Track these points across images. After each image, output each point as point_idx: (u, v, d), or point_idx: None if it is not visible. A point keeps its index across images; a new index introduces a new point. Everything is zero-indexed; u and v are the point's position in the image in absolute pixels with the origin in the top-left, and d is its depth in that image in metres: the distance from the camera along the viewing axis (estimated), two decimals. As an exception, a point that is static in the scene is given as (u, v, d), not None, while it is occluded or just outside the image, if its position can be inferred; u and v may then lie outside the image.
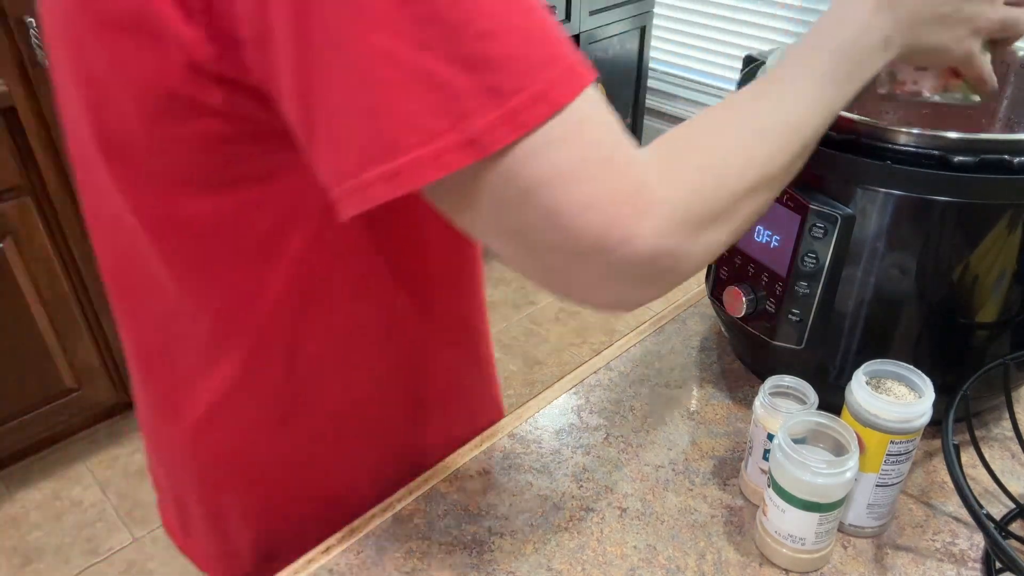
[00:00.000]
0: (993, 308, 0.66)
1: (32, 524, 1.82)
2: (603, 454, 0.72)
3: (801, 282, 0.67)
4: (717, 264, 0.76)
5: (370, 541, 0.65)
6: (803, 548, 0.60)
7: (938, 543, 0.63)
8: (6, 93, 1.53)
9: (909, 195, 0.60)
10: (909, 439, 0.59)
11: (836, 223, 0.63)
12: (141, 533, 1.80)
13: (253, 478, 0.65)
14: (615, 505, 0.67)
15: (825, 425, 0.60)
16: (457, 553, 0.63)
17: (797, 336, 0.69)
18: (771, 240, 0.68)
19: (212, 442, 0.64)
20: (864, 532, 0.64)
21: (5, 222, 1.62)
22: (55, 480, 1.93)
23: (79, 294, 1.81)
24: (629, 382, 0.81)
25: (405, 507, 0.67)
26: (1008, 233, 0.61)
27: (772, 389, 0.64)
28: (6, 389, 1.77)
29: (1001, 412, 0.75)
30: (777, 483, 0.58)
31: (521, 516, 0.66)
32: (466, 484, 0.69)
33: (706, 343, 0.86)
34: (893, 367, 0.61)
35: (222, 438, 0.63)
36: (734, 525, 0.65)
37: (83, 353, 1.86)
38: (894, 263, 0.64)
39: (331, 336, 0.59)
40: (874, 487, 0.61)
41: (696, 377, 0.81)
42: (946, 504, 0.67)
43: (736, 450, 0.72)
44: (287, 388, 0.60)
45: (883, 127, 0.61)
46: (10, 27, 1.49)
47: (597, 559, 0.63)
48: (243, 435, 0.63)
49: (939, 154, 0.59)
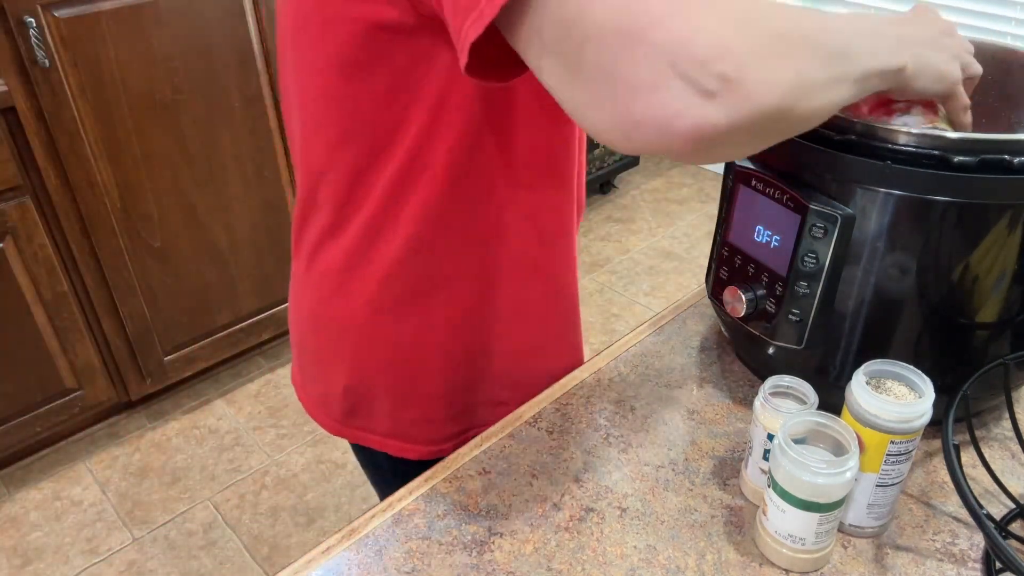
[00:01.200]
0: (993, 308, 0.66)
1: (32, 524, 1.82)
2: (603, 454, 0.72)
3: (801, 282, 0.67)
4: (717, 264, 0.76)
5: (370, 541, 0.65)
6: (803, 548, 0.60)
7: (938, 543, 0.63)
8: (6, 93, 1.53)
9: (909, 195, 0.60)
10: (909, 439, 0.59)
11: (836, 223, 0.63)
12: (141, 533, 1.80)
13: (346, 326, 0.76)
14: (615, 505, 0.67)
15: (825, 425, 0.60)
16: (457, 553, 0.63)
17: (797, 336, 0.69)
18: (771, 240, 0.68)
19: (327, 295, 0.75)
20: (864, 532, 0.64)
21: (5, 222, 1.62)
22: (55, 480, 1.93)
23: (79, 294, 1.81)
24: (629, 382, 0.81)
25: (405, 507, 0.67)
26: (1008, 233, 0.61)
27: (772, 389, 0.64)
28: (6, 389, 1.77)
29: (1001, 412, 0.75)
30: (777, 483, 0.58)
31: (521, 516, 0.66)
32: (466, 484, 0.70)
33: (706, 343, 0.86)
34: (893, 367, 0.61)
35: (331, 291, 0.75)
36: (734, 525, 0.65)
37: (83, 353, 1.86)
38: (894, 263, 0.64)
39: (442, 225, 0.69)
40: (874, 487, 0.61)
41: (696, 377, 0.81)
42: (946, 504, 0.67)
43: (736, 450, 0.72)
44: (394, 267, 0.71)
45: (883, 127, 0.61)
46: (10, 27, 1.49)
47: (597, 559, 0.63)
48: (348, 293, 0.74)
49: (939, 154, 0.59)
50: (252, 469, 1.96)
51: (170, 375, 2.04)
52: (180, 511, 1.85)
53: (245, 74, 1.85)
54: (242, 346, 2.17)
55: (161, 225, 1.86)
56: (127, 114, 1.70)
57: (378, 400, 0.79)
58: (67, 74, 1.59)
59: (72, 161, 1.66)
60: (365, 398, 0.80)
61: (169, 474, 1.95)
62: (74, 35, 1.57)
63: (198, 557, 1.74)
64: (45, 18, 1.52)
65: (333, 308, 0.75)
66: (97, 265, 1.80)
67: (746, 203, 0.70)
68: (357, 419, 0.81)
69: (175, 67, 1.73)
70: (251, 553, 1.75)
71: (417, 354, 0.76)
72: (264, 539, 1.78)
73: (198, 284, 1.99)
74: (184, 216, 1.89)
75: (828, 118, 0.49)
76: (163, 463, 1.98)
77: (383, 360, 0.77)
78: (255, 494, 1.89)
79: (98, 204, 1.73)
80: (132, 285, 1.86)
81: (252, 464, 1.97)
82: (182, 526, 1.81)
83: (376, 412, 0.80)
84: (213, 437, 2.05)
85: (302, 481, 1.92)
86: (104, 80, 1.64)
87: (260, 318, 2.16)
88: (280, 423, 2.09)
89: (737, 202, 0.71)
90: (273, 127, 1.96)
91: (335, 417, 0.83)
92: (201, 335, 2.06)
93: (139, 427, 2.08)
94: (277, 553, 1.75)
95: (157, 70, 1.71)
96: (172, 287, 1.94)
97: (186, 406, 2.14)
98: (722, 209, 0.75)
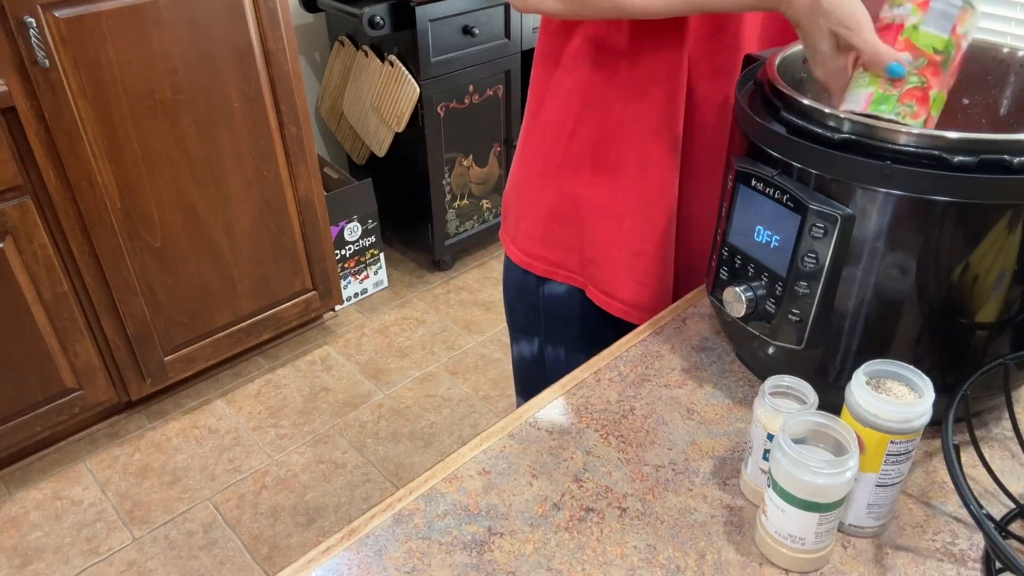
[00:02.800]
0: (993, 308, 0.66)
1: (32, 524, 1.82)
2: (603, 454, 0.72)
3: (801, 282, 0.67)
4: (717, 264, 0.76)
5: (370, 541, 0.65)
6: (803, 548, 0.60)
7: (938, 543, 0.63)
8: (6, 93, 1.53)
9: (909, 195, 0.60)
10: (909, 439, 0.59)
11: (836, 223, 0.63)
12: (141, 533, 1.80)
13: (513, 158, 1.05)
14: (615, 505, 0.67)
15: (825, 425, 0.60)
16: (457, 553, 0.63)
17: (797, 336, 0.69)
18: (771, 240, 0.68)
19: (531, 129, 0.99)
20: (864, 532, 0.64)
21: (5, 222, 1.62)
22: (55, 480, 1.93)
23: (79, 294, 1.81)
24: (629, 382, 0.81)
25: (405, 507, 0.67)
26: (1008, 233, 0.61)
27: (772, 389, 0.64)
28: (6, 389, 1.77)
29: (1001, 412, 0.75)
30: (777, 483, 0.58)
31: (521, 516, 0.67)
32: (466, 484, 0.70)
33: (706, 343, 0.86)
34: (893, 367, 0.61)
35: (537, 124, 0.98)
36: (734, 525, 0.65)
37: (83, 353, 1.86)
38: (894, 263, 0.64)
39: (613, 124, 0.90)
40: (874, 487, 0.61)
41: (696, 377, 0.81)
42: (946, 504, 0.67)
43: (736, 450, 0.72)
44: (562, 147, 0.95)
45: (883, 127, 0.61)
46: (10, 27, 1.49)
47: (597, 559, 0.63)
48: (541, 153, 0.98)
49: (939, 154, 0.59)
50: (252, 469, 1.96)
51: (170, 375, 2.04)
52: (180, 511, 1.85)
53: (245, 74, 1.85)
54: (242, 346, 2.18)
55: (161, 225, 1.86)
56: (127, 114, 1.70)
57: (512, 207, 1.05)
58: (67, 74, 1.59)
59: (72, 161, 1.66)
60: (509, 205, 1.06)
61: (169, 474, 1.95)
62: (74, 35, 1.57)
63: (198, 557, 1.74)
64: (45, 18, 1.52)
65: (520, 141, 1.02)
66: (97, 265, 1.80)
67: (746, 203, 0.70)
68: (505, 224, 1.08)
69: (175, 67, 1.73)
70: (251, 553, 1.75)
71: (541, 176, 0.99)
72: (264, 539, 1.78)
73: (198, 284, 1.99)
74: (184, 216, 1.89)
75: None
76: (163, 463, 1.98)
77: (521, 174, 1.02)
78: (255, 494, 1.89)
79: (98, 204, 1.73)
80: (132, 285, 1.87)
81: (252, 464, 1.97)
82: (182, 526, 1.81)
83: (511, 218, 1.06)
84: (213, 437, 2.05)
85: (302, 481, 1.92)
86: (104, 80, 1.64)
87: (260, 318, 2.16)
88: (280, 423, 2.09)
89: (737, 202, 0.71)
90: (273, 127, 1.96)
91: (502, 228, 1.10)
92: (201, 335, 2.06)
93: (139, 427, 2.08)
94: (277, 553, 1.75)
95: (157, 70, 1.71)
96: (172, 287, 1.95)
97: (186, 406, 2.14)
98: (722, 209, 0.75)
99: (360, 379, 2.24)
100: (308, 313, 2.28)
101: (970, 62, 0.79)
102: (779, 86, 0.68)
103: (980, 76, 0.79)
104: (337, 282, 2.31)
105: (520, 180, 1.02)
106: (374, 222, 2.44)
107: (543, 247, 1.02)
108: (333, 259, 2.26)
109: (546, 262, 1.03)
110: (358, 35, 2.37)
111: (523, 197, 1.02)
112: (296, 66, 1.93)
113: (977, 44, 0.78)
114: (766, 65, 0.73)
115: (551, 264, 1.03)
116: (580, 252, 1.00)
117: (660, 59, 0.84)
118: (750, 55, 0.81)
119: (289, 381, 2.23)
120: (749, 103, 0.72)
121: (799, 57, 0.78)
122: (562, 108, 0.93)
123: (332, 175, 2.44)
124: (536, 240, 1.02)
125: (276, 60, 1.88)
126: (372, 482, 1.92)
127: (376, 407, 2.14)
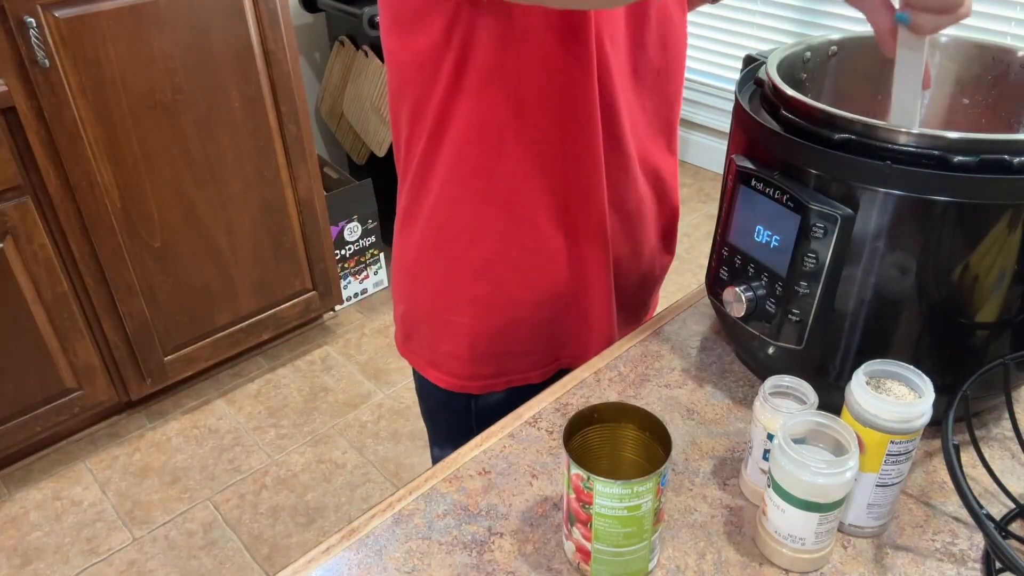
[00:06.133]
0: (993, 308, 0.66)
1: (32, 524, 1.82)
2: (603, 454, 0.72)
3: (801, 282, 0.67)
4: (717, 264, 0.76)
5: (370, 541, 0.65)
6: (803, 548, 0.60)
7: (938, 543, 0.63)
8: (6, 93, 1.53)
9: (909, 195, 0.60)
10: (909, 439, 0.59)
11: (836, 223, 0.63)
12: (141, 533, 1.80)
13: (403, 262, 0.89)
14: (615, 505, 0.67)
15: (825, 425, 0.60)
16: (457, 553, 0.63)
17: (797, 336, 0.69)
18: (771, 240, 0.68)
19: (398, 234, 0.88)
20: (864, 532, 0.64)
21: (5, 222, 1.62)
22: (55, 480, 1.93)
23: (79, 294, 1.81)
24: (629, 382, 0.81)
25: (405, 507, 0.67)
26: (1008, 233, 0.61)
27: (772, 389, 0.64)
28: (6, 389, 1.77)
29: (1001, 412, 0.75)
30: (777, 483, 0.58)
31: (521, 516, 0.66)
32: (466, 484, 0.70)
33: (706, 343, 0.86)
34: (893, 367, 0.61)
35: (398, 232, 0.88)
36: (734, 525, 0.65)
37: (83, 353, 1.86)
38: (894, 263, 0.64)
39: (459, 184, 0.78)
40: (874, 487, 0.61)
41: (696, 377, 0.81)
42: (946, 504, 0.67)
43: (736, 450, 0.72)
44: (430, 217, 0.82)
45: (883, 127, 0.61)
46: (10, 27, 1.49)
47: (597, 559, 0.63)
48: (407, 234, 0.86)
49: (939, 154, 0.59)
50: (252, 469, 1.96)
51: (170, 375, 2.04)
52: (180, 511, 1.85)
53: (245, 74, 1.85)
54: (242, 346, 2.18)
55: (161, 225, 1.86)
56: (127, 114, 1.70)
57: (422, 328, 0.91)
58: (67, 74, 1.59)
59: (72, 161, 1.66)
60: (414, 325, 0.92)
61: (169, 474, 1.95)
62: (74, 35, 1.57)
63: (198, 557, 1.74)
64: (45, 18, 1.52)
65: (399, 246, 0.89)
66: (97, 265, 1.80)
67: (746, 203, 0.70)
68: (411, 343, 0.94)
69: (175, 67, 1.73)
70: (251, 553, 1.75)
71: (448, 293, 0.86)
72: (264, 539, 1.78)
73: (198, 284, 1.99)
74: (184, 216, 1.89)
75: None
76: (163, 463, 1.98)
77: (425, 294, 0.88)
78: (255, 494, 1.89)
79: (98, 204, 1.73)
80: (132, 285, 1.87)
81: (252, 464, 1.97)
82: (182, 526, 1.81)
83: (422, 339, 0.91)
84: (213, 437, 2.05)
85: (302, 481, 1.92)
86: (104, 80, 1.64)
87: (260, 318, 2.16)
88: (280, 423, 2.09)
89: (737, 202, 0.71)
90: (273, 127, 1.96)
91: (398, 339, 0.96)
92: (201, 335, 2.06)
93: (139, 427, 2.08)
94: (277, 553, 1.75)
95: (157, 70, 1.71)
96: (172, 287, 1.95)
97: (186, 406, 2.14)
98: (722, 209, 0.75)
99: (360, 379, 2.24)
100: (308, 313, 2.28)
101: (970, 62, 0.79)
102: (779, 86, 0.68)
103: (980, 76, 0.79)
104: (337, 282, 2.31)
105: (421, 299, 0.89)
106: (374, 222, 2.44)
107: (474, 365, 0.89)
108: (333, 259, 2.26)
109: (483, 378, 0.90)
110: (358, 35, 2.37)
111: (436, 319, 0.88)
112: (296, 66, 1.93)
113: (977, 44, 0.78)
114: (766, 65, 0.73)
115: (490, 378, 0.89)
116: (542, 347, 0.89)
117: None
118: (750, 55, 0.81)
119: (289, 381, 2.23)
120: (749, 103, 0.72)
121: (799, 57, 0.78)
122: (453, 215, 0.81)
123: (332, 175, 2.44)
124: (464, 360, 0.88)
125: (276, 60, 1.88)
126: (372, 482, 1.92)
127: (376, 407, 2.14)
